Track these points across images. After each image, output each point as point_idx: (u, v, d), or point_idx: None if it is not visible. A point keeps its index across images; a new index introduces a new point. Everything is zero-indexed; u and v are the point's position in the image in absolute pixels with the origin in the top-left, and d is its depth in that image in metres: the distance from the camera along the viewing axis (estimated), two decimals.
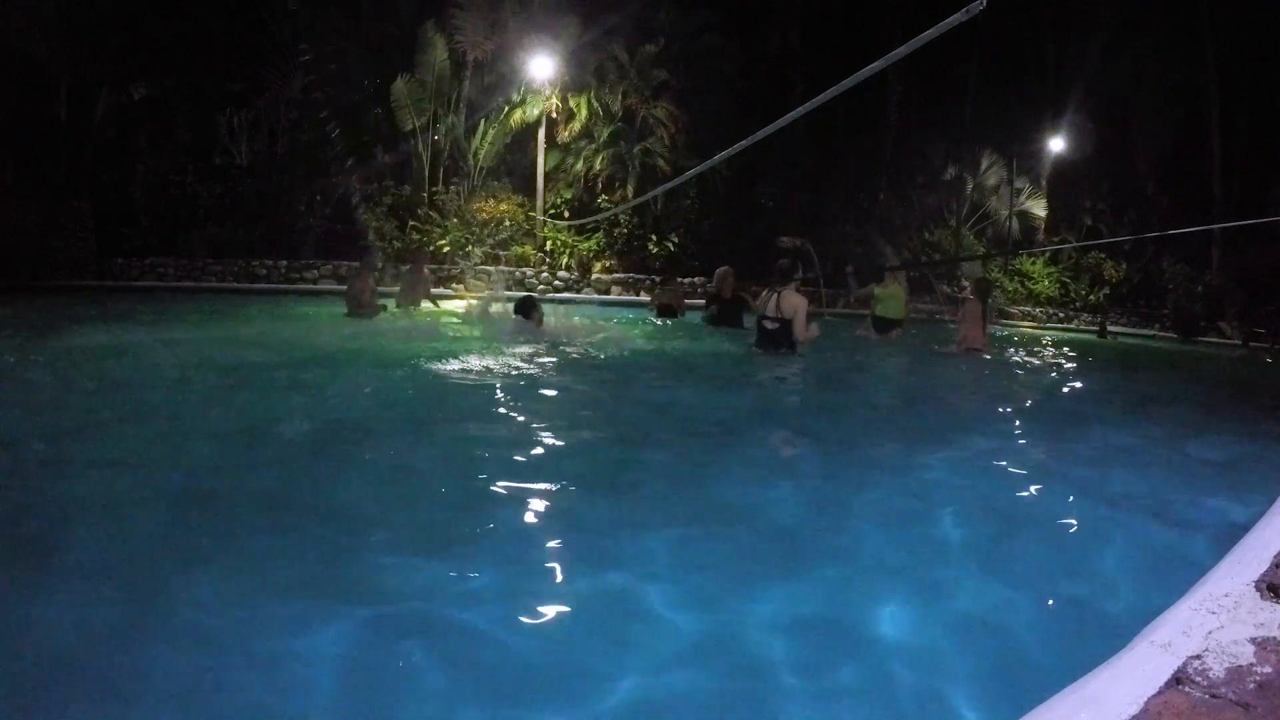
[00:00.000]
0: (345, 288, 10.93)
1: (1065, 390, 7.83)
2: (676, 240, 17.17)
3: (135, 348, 6.52)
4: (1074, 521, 2.97)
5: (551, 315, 8.55)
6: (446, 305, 11.29)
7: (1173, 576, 1.88)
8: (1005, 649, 1.94)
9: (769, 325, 7.04)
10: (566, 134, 17.02)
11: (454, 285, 15.00)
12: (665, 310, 11.91)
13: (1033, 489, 3.47)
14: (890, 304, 10.15)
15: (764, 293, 7.25)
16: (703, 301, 12.05)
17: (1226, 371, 11.62)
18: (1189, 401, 7.51)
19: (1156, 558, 2.56)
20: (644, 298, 15.22)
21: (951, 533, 2.74)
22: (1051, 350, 11.34)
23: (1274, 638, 1.11)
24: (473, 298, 14.22)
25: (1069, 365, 9.99)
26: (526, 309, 8.13)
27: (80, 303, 10.46)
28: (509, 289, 15.69)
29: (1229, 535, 2.07)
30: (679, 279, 15.11)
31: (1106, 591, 2.25)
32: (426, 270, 11.73)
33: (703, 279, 16.91)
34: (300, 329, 8.66)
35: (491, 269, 15.80)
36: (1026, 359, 9.91)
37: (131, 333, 7.54)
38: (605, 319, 10.63)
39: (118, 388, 4.85)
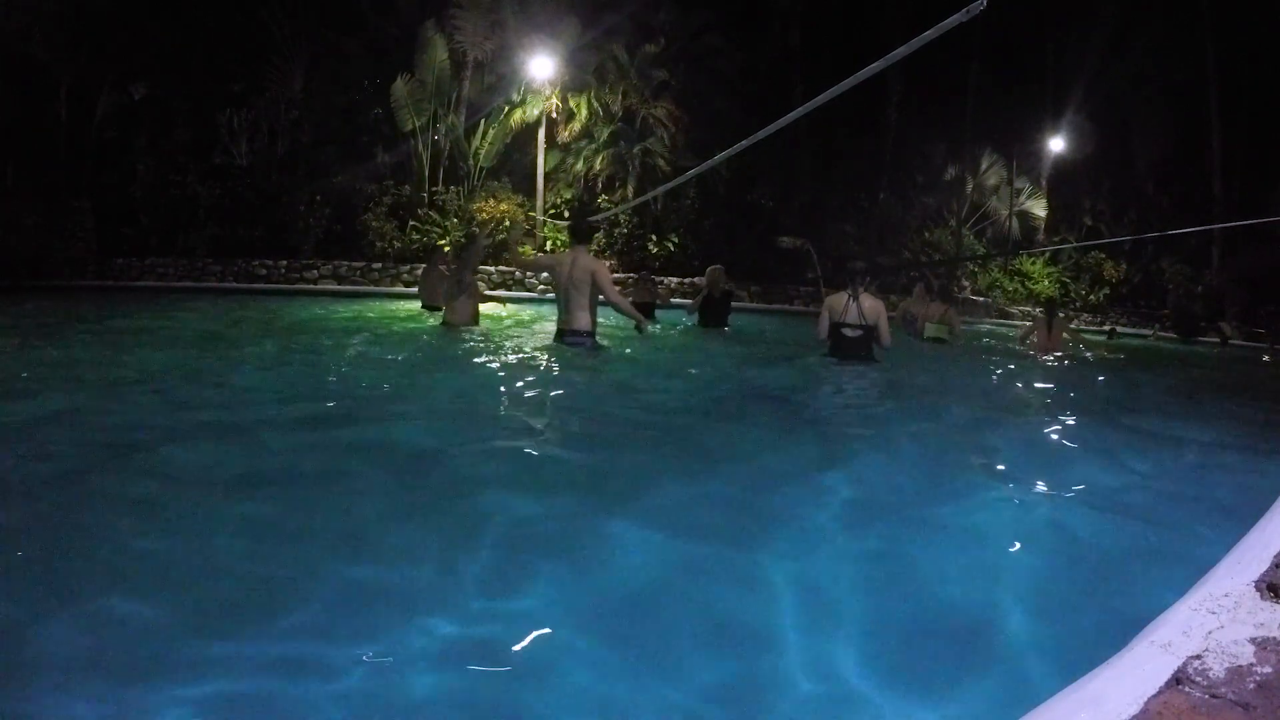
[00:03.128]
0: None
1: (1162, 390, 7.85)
2: (676, 240, 17.18)
3: None
4: None
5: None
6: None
7: None
8: None
9: (850, 333, 6.68)
10: (566, 134, 17.04)
11: None
12: (641, 309, 11.92)
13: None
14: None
15: (837, 296, 6.83)
16: (688, 301, 12.01)
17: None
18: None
19: None
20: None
21: None
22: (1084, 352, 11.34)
23: (1274, 638, 1.11)
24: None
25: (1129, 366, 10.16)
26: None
27: (80, 305, 10.44)
28: (508, 289, 15.73)
29: None
30: (654, 277, 15.04)
31: None
32: (443, 268, 10.53)
33: (695, 279, 16.94)
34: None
35: (492, 269, 15.80)
36: (1077, 362, 9.85)
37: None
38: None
39: None
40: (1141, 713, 0.94)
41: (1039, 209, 21.99)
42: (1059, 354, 9.29)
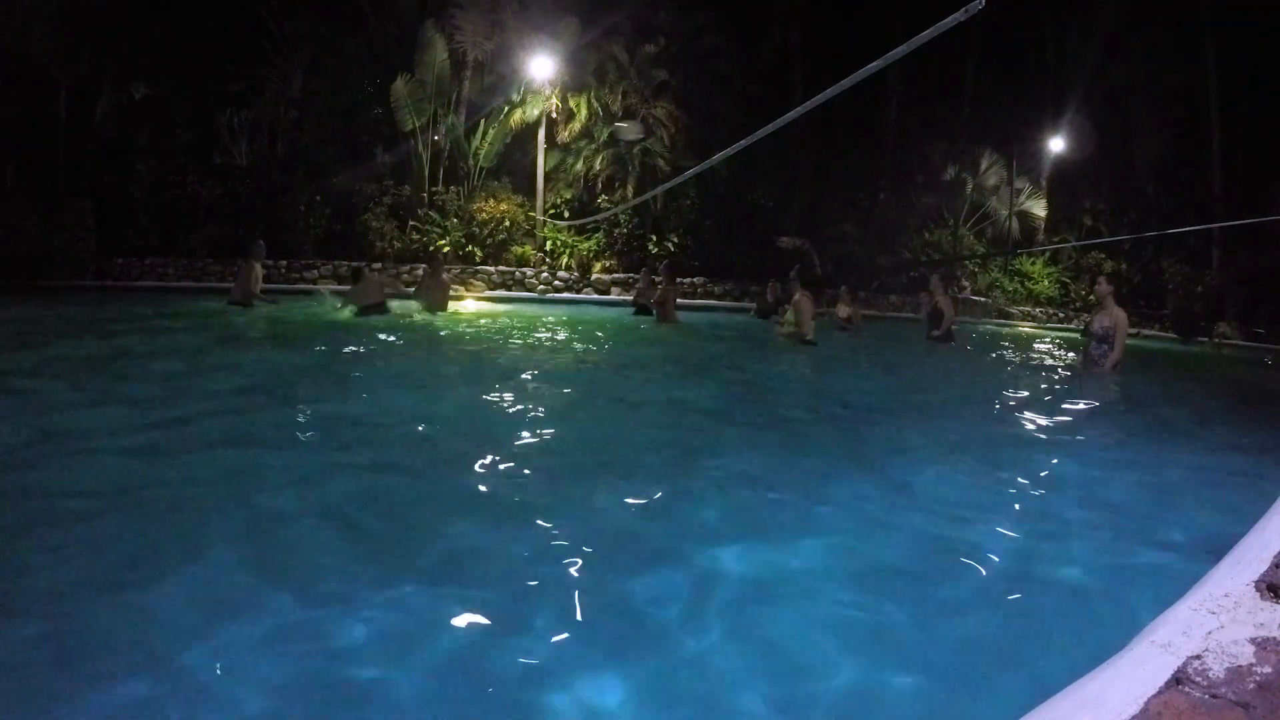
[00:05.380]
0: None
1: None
2: (676, 240, 17.16)
3: None
4: None
5: None
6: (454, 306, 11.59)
7: None
8: None
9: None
10: (566, 134, 17.01)
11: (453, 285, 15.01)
12: (643, 310, 12.04)
13: None
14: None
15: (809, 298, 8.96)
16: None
17: None
18: None
19: None
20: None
21: None
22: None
23: (1274, 638, 1.11)
24: (475, 297, 14.29)
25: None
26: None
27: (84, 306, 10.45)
28: (508, 289, 15.73)
29: None
30: (655, 278, 15.07)
31: None
32: (445, 276, 11.91)
33: (703, 279, 16.94)
34: None
35: (492, 269, 15.81)
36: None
37: None
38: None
39: None
40: (1141, 713, 0.94)
41: (1039, 209, 21.97)
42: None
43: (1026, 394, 7.04)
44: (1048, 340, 14.42)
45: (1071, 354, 11.07)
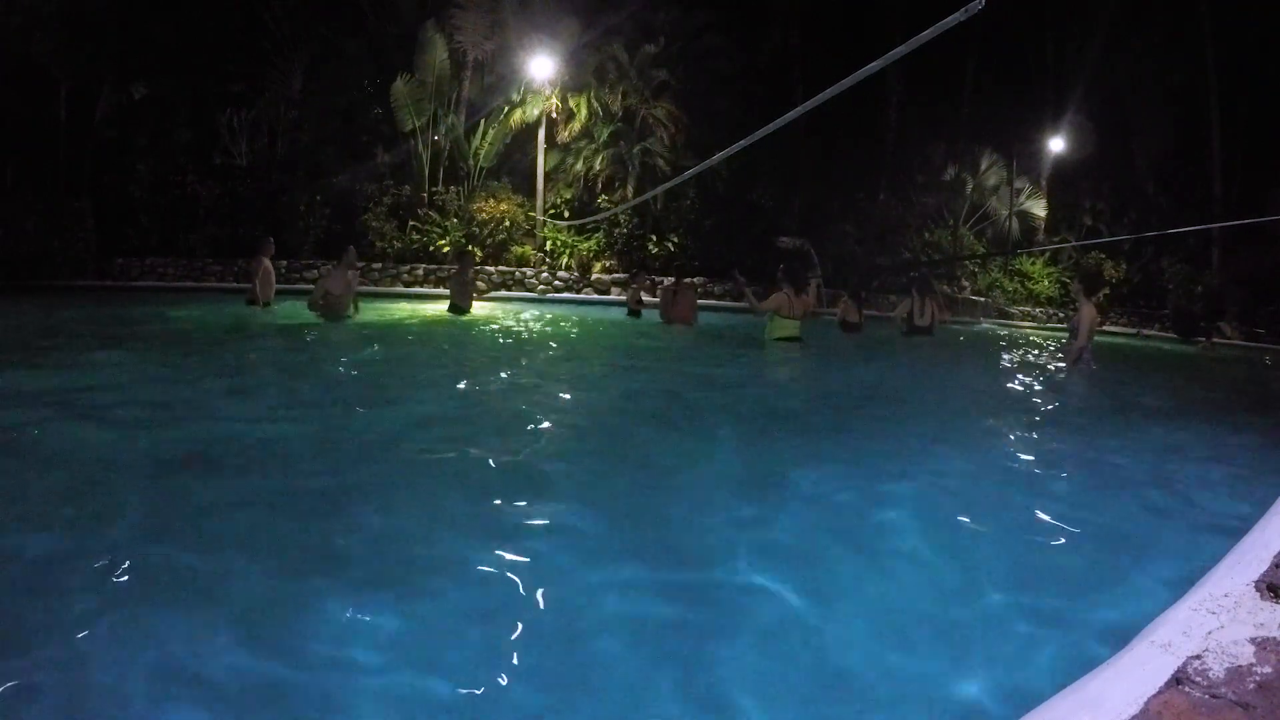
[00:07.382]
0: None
1: None
2: (676, 240, 17.16)
3: None
4: None
5: None
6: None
7: None
8: None
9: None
10: (566, 134, 17.00)
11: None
12: (634, 312, 12.06)
13: None
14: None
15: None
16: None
17: None
18: None
19: None
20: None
21: None
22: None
23: (1274, 638, 1.11)
24: (475, 297, 14.27)
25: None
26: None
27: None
28: (508, 289, 15.71)
29: None
30: (647, 277, 15.03)
31: None
32: (472, 273, 12.15)
33: (702, 279, 16.93)
34: None
35: (492, 269, 15.80)
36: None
37: None
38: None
39: None
40: (1141, 713, 0.94)
41: (1039, 209, 21.95)
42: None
43: (953, 390, 7.12)
44: (1030, 339, 14.43)
45: (1030, 352, 11.22)
